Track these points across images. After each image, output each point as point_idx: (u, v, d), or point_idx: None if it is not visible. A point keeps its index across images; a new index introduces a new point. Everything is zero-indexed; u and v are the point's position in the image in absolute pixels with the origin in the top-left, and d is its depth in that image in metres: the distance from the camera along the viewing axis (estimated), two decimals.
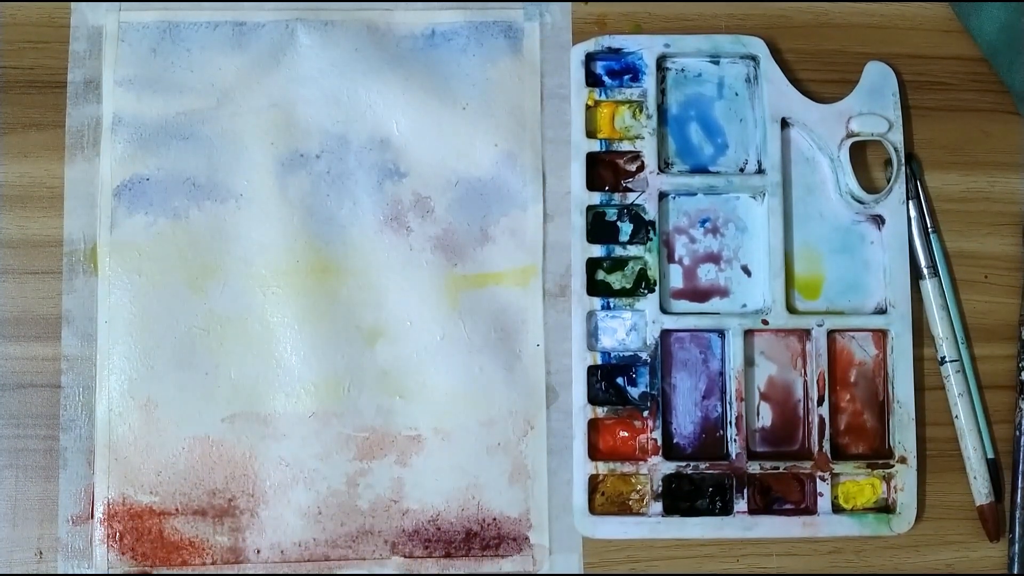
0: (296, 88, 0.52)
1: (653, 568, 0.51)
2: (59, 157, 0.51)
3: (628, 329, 0.51)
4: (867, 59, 0.52)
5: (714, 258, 0.52)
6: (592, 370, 0.51)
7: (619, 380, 0.51)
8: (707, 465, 0.50)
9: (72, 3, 0.52)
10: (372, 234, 0.51)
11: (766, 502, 0.51)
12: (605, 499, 0.51)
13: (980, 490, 0.51)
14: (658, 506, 0.50)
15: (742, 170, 0.52)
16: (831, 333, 0.51)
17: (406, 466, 0.50)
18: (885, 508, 0.51)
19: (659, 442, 0.50)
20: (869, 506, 0.51)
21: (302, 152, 0.52)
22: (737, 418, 0.50)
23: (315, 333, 0.51)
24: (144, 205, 0.51)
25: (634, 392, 0.51)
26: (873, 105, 0.52)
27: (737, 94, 0.53)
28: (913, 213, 0.52)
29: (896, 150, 0.52)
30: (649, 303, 0.51)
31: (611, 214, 0.52)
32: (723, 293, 0.52)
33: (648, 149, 0.51)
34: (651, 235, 0.51)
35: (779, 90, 0.52)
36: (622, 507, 0.51)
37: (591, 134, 0.52)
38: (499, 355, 0.51)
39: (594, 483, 0.50)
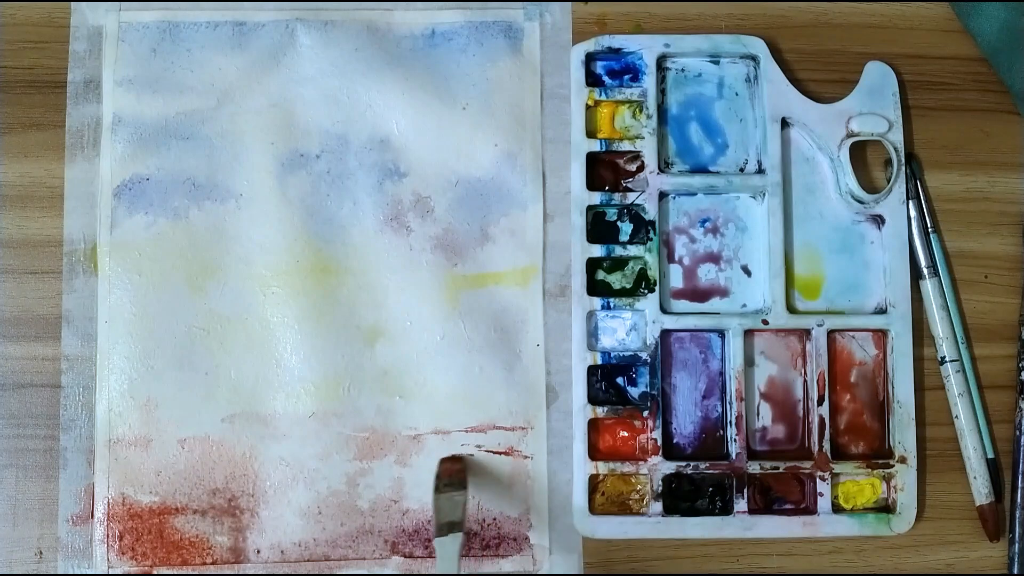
0: (296, 88, 0.52)
1: (653, 568, 0.51)
2: (59, 157, 0.51)
3: (628, 329, 0.51)
4: (867, 59, 0.52)
5: (714, 258, 0.52)
6: (592, 370, 0.51)
7: (619, 380, 0.51)
8: (707, 465, 0.50)
9: (72, 3, 0.52)
10: (372, 234, 0.51)
11: (766, 502, 0.51)
12: (605, 499, 0.51)
13: (980, 490, 0.51)
14: (658, 506, 0.50)
15: (742, 170, 0.52)
16: (831, 333, 0.51)
17: (406, 466, 0.50)
18: (885, 508, 0.51)
19: (659, 442, 0.50)
20: (869, 506, 0.51)
21: (302, 152, 0.52)
22: (737, 418, 0.50)
23: (315, 333, 0.51)
24: (144, 205, 0.51)
25: (634, 392, 0.51)
26: (873, 105, 0.52)
27: (737, 94, 0.53)
28: (913, 213, 0.52)
29: (896, 150, 0.52)
30: (649, 303, 0.51)
31: (611, 214, 0.52)
32: (723, 293, 0.52)
33: (648, 149, 0.51)
34: (651, 235, 0.51)
35: (779, 90, 0.52)
36: (622, 507, 0.51)
37: (591, 134, 0.52)
38: (499, 355, 0.51)
39: (594, 483, 0.50)
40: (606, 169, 0.52)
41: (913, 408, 0.51)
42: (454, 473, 0.48)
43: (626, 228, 0.52)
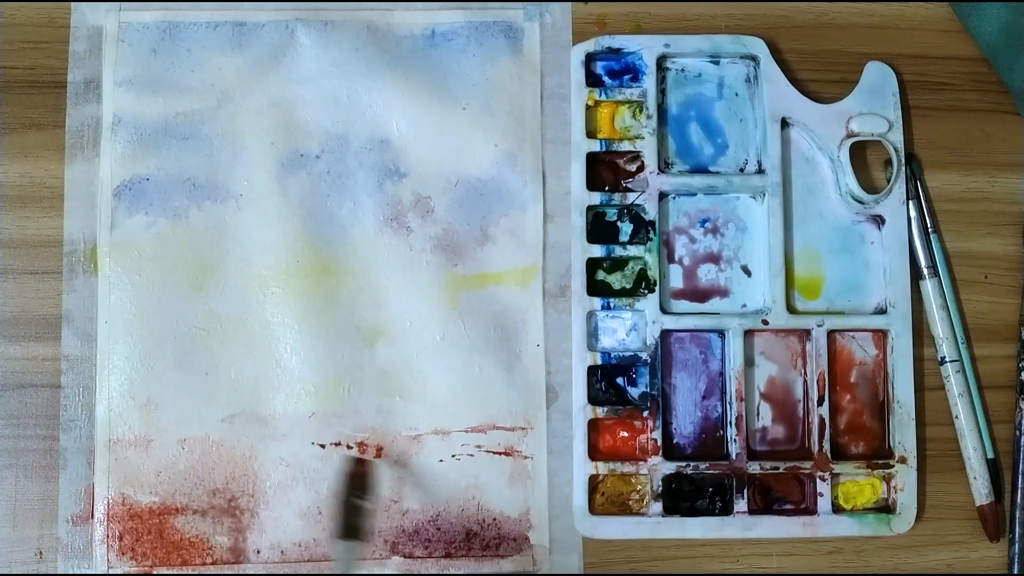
0: (296, 88, 0.52)
1: (653, 568, 0.51)
2: (59, 157, 0.51)
3: (628, 329, 0.51)
4: (867, 59, 0.52)
5: (714, 258, 0.52)
6: (592, 370, 0.51)
7: (619, 380, 0.51)
8: (707, 465, 0.50)
9: (72, 3, 0.52)
10: (372, 234, 0.51)
11: (766, 502, 0.51)
12: (605, 499, 0.51)
13: (980, 490, 0.51)
14: (658, 506, 0.50)
15: (742, 170, 0.52)
16: (831, 333, 0.51)
17: (406, 466, 0.50)
18: (885, 508, 0.51)
19: (659, 442, 0.50)
20: (869, 506, 0.51)
21: (302, 152, 0.52)
22: (737, 418, 0.50)
23: (315, 333, 0.51)
24: (144, 205, 0.51)
25: (634, 392, 0.51)
26: (873, 105, 0.52)
27: (737, 94, 0.53)
28: (913, 213, 0.52)
29: (896, 150, 0.52)
30: (649, 303, 0.51)
31: (611, 214, 0.52)
32: (723, 293, 0.52)
33: (648, 149, 0.51)
34: (651, 235, 0.51)
35: (779, 90, 0.52)
36: (622, 507, 0.51)
37: (591, 134, 0.52)
38: (499, 355, 0.51)
39: (594, 483, 0.50)
40: (606, 169, 0.52)
41: (913, 408, 0.51)
42: (364, 477, 0.48)
43: (626, 228, 0.52)
